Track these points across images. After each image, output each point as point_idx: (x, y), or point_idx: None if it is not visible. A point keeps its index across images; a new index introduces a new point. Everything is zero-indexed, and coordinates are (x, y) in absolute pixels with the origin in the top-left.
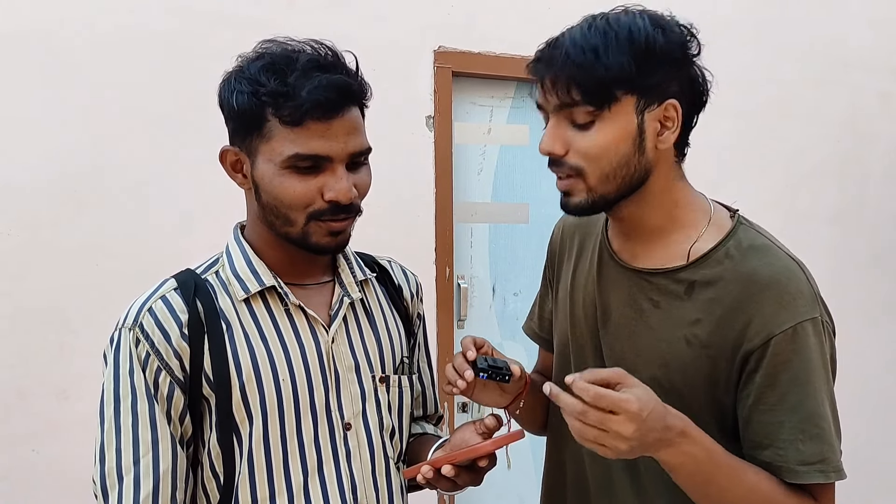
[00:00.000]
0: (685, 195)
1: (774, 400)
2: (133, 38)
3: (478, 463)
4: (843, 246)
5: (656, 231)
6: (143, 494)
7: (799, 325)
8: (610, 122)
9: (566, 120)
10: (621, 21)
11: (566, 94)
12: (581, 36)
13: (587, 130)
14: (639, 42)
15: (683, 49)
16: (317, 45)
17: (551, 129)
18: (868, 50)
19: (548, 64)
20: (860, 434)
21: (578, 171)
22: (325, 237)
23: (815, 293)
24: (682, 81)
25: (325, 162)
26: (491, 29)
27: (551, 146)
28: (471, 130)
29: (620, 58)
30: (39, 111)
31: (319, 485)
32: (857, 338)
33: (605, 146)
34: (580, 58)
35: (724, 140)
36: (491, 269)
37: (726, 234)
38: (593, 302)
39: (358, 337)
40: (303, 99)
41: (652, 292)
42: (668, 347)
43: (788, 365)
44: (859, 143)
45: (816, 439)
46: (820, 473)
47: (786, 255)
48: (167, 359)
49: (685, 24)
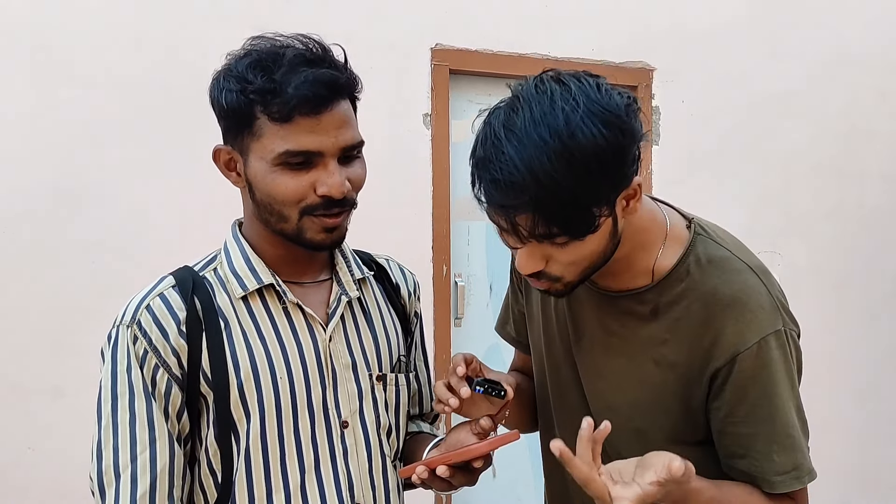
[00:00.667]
0: (645, 219)
1: (744, 413)
2: (130, 36)
3: (473, 464)
4: (842, 242)
5: (621, 257)
6: (140, 492)
7: (763, 340)
8: (592, 238)
9: (542, 242)
10: (578, 138)
11: (545, 230)
12: (541, 166)
13: (566, 247)
14: (606, 161)
15: (639, 132)
16: (304, 40)
17: (528, 254)
18: (866, 47)
19: (514, 202)
20: (858, 430)
21: (558, 278)
22: (319, 233)
23: (776, 303)
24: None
25: (316, 157)
26: (488, 26)
27: (533, 267)
28: (468, 128)
29: (597, 188)
30: (34, 110)
31: (316, 482)
32: (857, 333)
33: (587, 255)
34: (554, 198)
35: (722, 137)
36: (488, 267)
37: (685, 250)
38: (565, 320)
39: (355, 335)
40: (290, 95)
41: (619, 314)
42: (638, 368)
43: (755, 380)
44: (858, 141)
45: (789, 449)
46: (795, 480)
47: (745, 266)
48: (165, 356)
49: (624, 91)
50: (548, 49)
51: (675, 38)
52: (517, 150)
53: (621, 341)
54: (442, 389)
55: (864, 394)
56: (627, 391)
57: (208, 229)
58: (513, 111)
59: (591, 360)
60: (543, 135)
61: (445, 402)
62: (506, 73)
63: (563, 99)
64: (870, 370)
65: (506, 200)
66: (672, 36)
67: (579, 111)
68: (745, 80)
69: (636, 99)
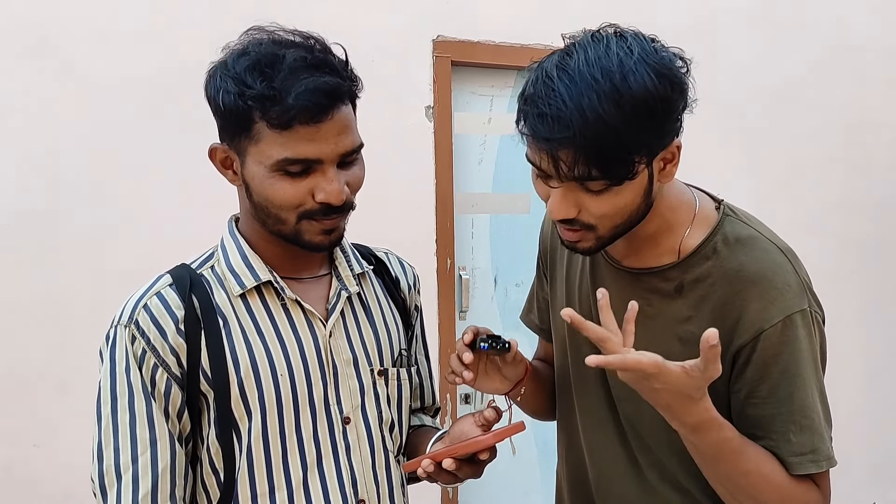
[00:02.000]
0: (674, 196)
1: (766, 393)
2: (129, 30)
3: (478, 456)
4: (849, 232)
5: (648, 234)
6: (143, 492)
7: (787, 318)
8: (627, 188)
9: (578, 187)
10: (630, 81)
11: (584, 170)
12: (590, 104)
13: (601, 195)
14: (655, 109)
15: (686, 88)
16: (305, 40)
17: (562, 196)
18: (872, 36)
19: (559, 135)
20: (860, 421)
21: (589, 227)
22: (317, 235)
23: (802, 284)
24: (682, 114)
25: (315, 164)
26: (490, 18)
27: (565, 212)
28: (471, 120)
29: (641, 134)
30: (36, 105)
31: (319, 479)
32: (862, 323)
33: (621, 208)
34: (598, 137)
35: (728, 127)
36: (492, 259)
37: (713, 229)
38: (588, 302)
39: (356, 330)
40: (290, 104)
41: (644, 292)
42: (661, 346)
43: (778, 358)
44: (864, 130)
45: (807, 430)
46: (812, 463)
47: (773, 246)
48: (164, 355)
49: (675, 50)
50: (550, 40)
51: (678, 29)
52: (567, 87)
53: (645, 319)
54: (456, 361)
55: (871, 386)
56: None
57: (213, 227)
58: (567, 55)
59: None
60: (595, 75)
61: (459, 374)
62: (508, 64)
63: (619, 46)
64: (875, 356)
65: (550, 133)
66: (675, 26)
67: (633, 57)
68: (750, 70)
69: (688, 61)
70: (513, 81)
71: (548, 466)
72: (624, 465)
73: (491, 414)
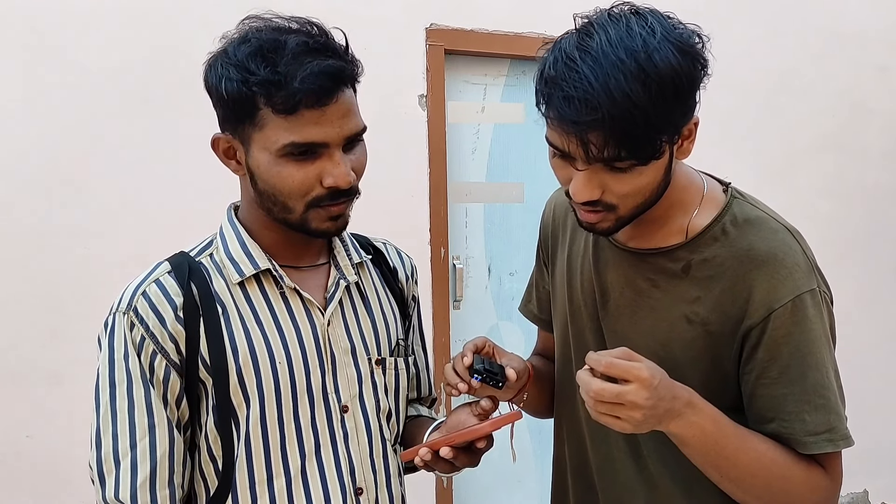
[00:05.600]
0: (683, 177)
1: (777, 373)
2: (121, 18)
3: (475, 444)
4: (841, 219)
5: (653, 213)
6: (141, 479)
7: (798, 298)
8: (650, 167)
9: (603, 168)
10: (655, 60)
11: (614, 151)
12: (617, 85)
13: (625, 175)
14: (681, 87)
15: (707, 64)
16: (305, 25)
17: (587, 179)
18: (865, 24)
19: (587, 118)
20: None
21: (611, 207)
22: (325, 222)
23: (811, 264)
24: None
25: (321, 148)
26: (483, 6)
27: (590, 194)
28: (464, 109)
29: (668, 113)
30: (26, 94)
31: (317, 467)
32: (858, 310)
33: (643, 187)
34: (627, 117)
35: (721, 114)
36: (486, 249)
37: (721, 210)
38: (591, 285)
39: (354, 319)
40: (296, 88)
41: (650, 272)
42: (669, 327)
43: (789, 338)
44: (857, 117)
45: (822, 409)
46: (828, 443)
47: (781, 226)
48: (162, 342)
49: (693, 27)
50: (544, 28)
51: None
52: (592, 69)
53: (650, 300)
54: (451, 374)
55: (866, 370)
56: (655, 351)
57: (206, 215)
58: (587, 35)
59: (617, 323)
60: (620, 55)
61: (455, 385)
62: (501, 52)
63: (640, 25)
64: (867, 345)
65: (579, 117)
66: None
67: (657, 36)
68: (745, 57)
69: (704, 37)
70: (506, 70)
71: (542, 454)
72: (626, 453)
73: (487, 404)
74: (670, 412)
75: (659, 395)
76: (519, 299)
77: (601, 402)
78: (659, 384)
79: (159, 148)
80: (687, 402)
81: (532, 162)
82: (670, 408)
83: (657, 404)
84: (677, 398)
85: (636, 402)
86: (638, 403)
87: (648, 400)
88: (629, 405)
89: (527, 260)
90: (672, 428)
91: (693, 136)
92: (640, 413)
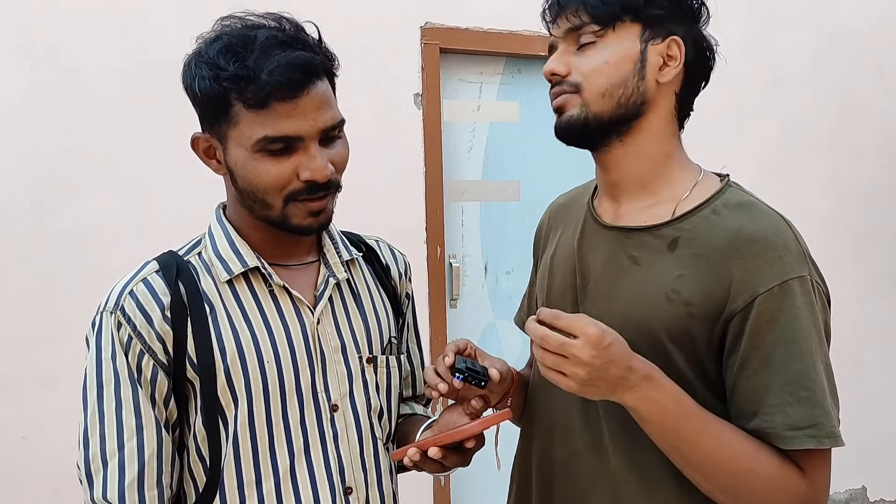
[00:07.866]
0: (678, 153)
1: (759, 363)
2: (112, 19)
3: (465, 444)
4: (837, 218)
5: (644, 187)
6: (129, 479)
7: (785, 283)
8: (613, 44)
9: (573, 45)
10: None
11: (575, 16)
12: None
13: (590, 50)
14: None
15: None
16: (276, 20)
17: (557, 54)
18: (860, 22)
19: None
20: (851, 406)
21: (576, 86)
22: (305, 218)
23: (804, 252)
24: (688, 30)
25: (296, 142)
26: (478, 4)
27: (555, 66)
28: (460, 108)
29: None
30: (18, 96)
31: (307, 467)
32: (852, 309)
33: (606, 63)
34: None
35: (716, 111)
36: (483, 247)
37: (714, 193)
38: (573, 270)
39: (344, 317)
40: (264, 81)
41: (632, 248)
42: (647, 307)
43: (774, 325)
44: (852, 115)
45: (806, 402)
46: (811, 439)
47: (774, 212)
48: (150, 342)
49: None
50: (539, 26)
51: None
52: None
53: (630, 279)
54: (431, 374)
55: (861, 372)
56: (630, 333)
57: (201, 218)
58: None
59: (593, 307)
60: None
61: (434, 386)
62: (497, 51)
63: None
64: (866, 343)
65: None
66: None
67: None
68: (740, 54)
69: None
70: (501, 68)
71: None
72: (589, 447)
73: (478, 403)
74: (624, 381)
75: (608, 358)
76: (516, 297)
77: (548, 354)
78: (610, 346)
79: (155, 151)
80: (645, 376)
81: (528, 160)
82: (623, 376)
83: (606, 367)
84: (634, 370)
85: (580, 358)
86: (581, 359)
87: (595, 359)
88: (573, 359)
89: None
90: (627, 400)
91: (678, 62)
92: (584, 370)
